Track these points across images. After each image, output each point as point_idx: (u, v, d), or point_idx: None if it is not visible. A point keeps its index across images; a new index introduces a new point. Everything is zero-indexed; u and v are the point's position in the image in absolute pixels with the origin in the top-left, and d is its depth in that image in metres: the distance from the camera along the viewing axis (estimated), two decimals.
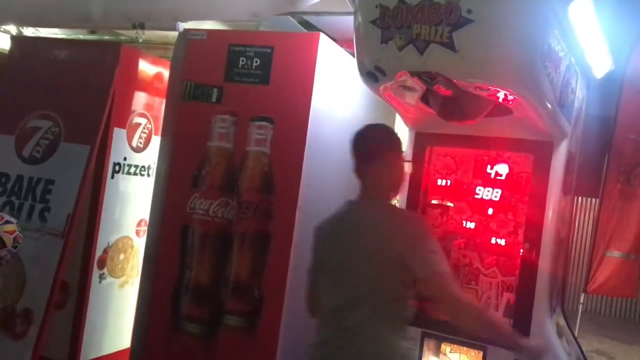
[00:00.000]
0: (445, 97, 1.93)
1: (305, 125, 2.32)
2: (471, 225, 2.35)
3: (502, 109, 2.03)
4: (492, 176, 2.34)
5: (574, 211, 2.41)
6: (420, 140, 2.38)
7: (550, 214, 2.11)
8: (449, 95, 1.89)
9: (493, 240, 2.30)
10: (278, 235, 2.33)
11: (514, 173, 2.29)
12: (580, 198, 2.00)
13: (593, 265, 3.96)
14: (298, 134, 2.32)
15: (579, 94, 2.22)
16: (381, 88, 1.98)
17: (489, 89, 1.82)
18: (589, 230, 7.00)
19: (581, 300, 6.61)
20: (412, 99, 2.07)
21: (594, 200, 4.00)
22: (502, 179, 2.32)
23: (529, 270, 2.13)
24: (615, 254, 4.62)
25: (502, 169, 2.32)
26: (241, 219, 2.39)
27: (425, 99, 2.08)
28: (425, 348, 2.32)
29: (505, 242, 2.28)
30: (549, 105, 1.91)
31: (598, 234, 3.71)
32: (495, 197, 2.32)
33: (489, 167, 2.35)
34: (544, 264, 2.09)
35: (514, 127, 2.13)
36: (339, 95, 2.52)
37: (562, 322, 2.20)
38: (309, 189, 2.33)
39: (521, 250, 2.21)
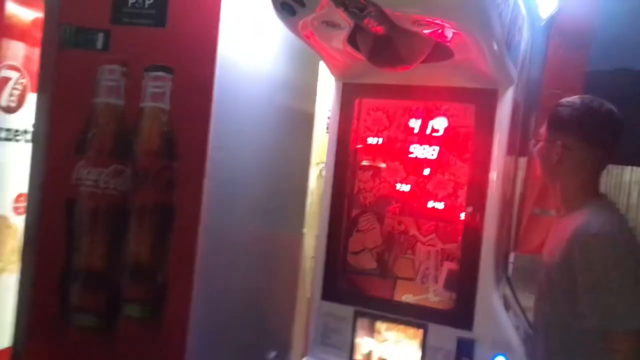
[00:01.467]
0: (377, 36, 1.61)
1: (212, 76, 1.93)
2: (406, 188, 2.08)
3: (440, 53, 1.74)
4: (428, 132, 2.06)
5: (517, 170, 2.18)
6: (348, 91, 2.06)
7: (496, 172, 1.85)
8: (381, 34, 1.57)
9: (430, 204, 2.04)
10: (183, 209, 1.95)
11: (453, 127, 2.02)
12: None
13: (521, 224, 3.89)
14: (203, 87, 1.94)
15: (525, 36, 1.95)
16: (300, 24, 1.63)
17: (428, 24, 1.51)
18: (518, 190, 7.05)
19: (511, 260, 6.64)
20: (337, 40, 1.74)
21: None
22: (438, 135, 2.05)
23: (472, 236, 1.88)
24: (541, 211, 4.57)
25: (440, 123, 2.04)
26: (138, 189, 2.00)
27: (353, 40, 1.75)
28: (358, 328, 2.04)
29: (444, 205, 2.02)
30: (496, 45, 1.62)
31: (526, 192, 3.64)
32: (432, 155, 2.05)
33: (424, 121, 2.06)
34: (490, 230, 1.85)
35: (454, 73, 1.85)
36: (252, 42, 2.14)
37: (508, 291, 1.99)
38: (219, 152, 1.96)
39: (463, 215, 1.95)
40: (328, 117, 3.46)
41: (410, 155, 2.07)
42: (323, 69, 2.61)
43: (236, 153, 2.08)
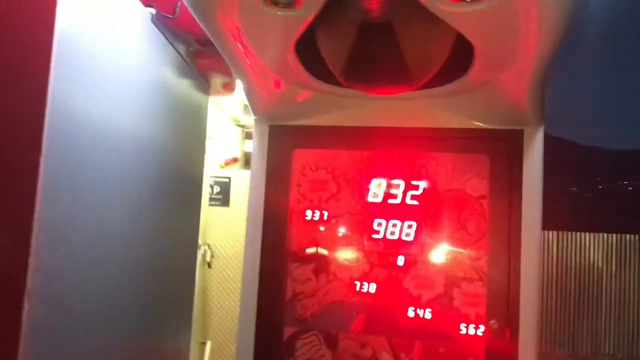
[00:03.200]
0: (362, 34, 0.88)
1: (38, 120, 1.05)
2: (370, 288, 1.32)
3: (450, 67, 1.05)
4: (399, 199, 1.35)
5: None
6: (280, 138, 1.29)
7: (528, 257, 1.17)
8: (375, 19, 0.84)
9: (411, 312, 1.30)
10: None
11: (440, 192, 1.32)
12: None
13: None
14: (25, 137, 1.04)
15: None
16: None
17: None
18: None
19: None
20: (282, 39, 0.97)
21: None
22: (416, 204, 1.34)
23: None
24: None
25: (417, 185, 1.34)
26: None
27: (305, 46, 1.00)
28: None
29: (433, 312, 1.29)
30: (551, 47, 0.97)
31: None
32: (408, 235, 1.33)
33: (393, 183, 1.35)
34: (528, 354, 1.14)
35: (455, 104, 1.17)
36: (106, 74, 1.29)
37: None
38: (51, 248, 1.06)
39: (464, 327, 1.24)
40: (211, 185, 2.64)
41: (373, 237, 1.33)
42: (213, 115, 1.86)
43: (80, 248, 1.19)
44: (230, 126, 2.58)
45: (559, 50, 1.00)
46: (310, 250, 1.36)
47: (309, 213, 1.36)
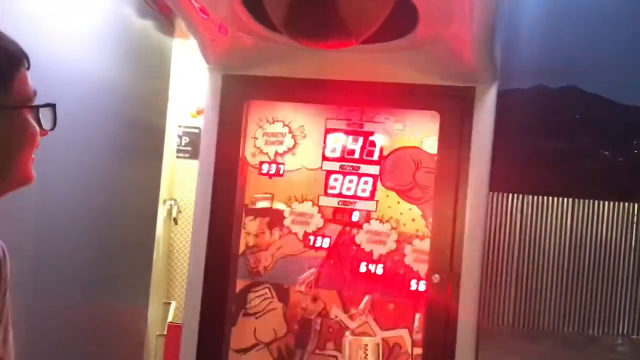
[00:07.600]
0: None
1: None
2: (324, 242, 1.39)
3: (395, 23, 1.08)
4: (357, 154, 1.40)
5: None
6: (233, 88, 1.34)
7: (473, 216, 1.23)
8: None
9: (363, 268, 1.37)
10: None
11: (397, 149, 1.38)
12: None
13: None
14: None
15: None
16: None
17: None
18: None
19: None
20: None
21: None
22: (372, 159, 1.40)
23: (442, 321, 1.24)
24: None
25: (374, 141, 1.39)
26: None
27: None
28: None
29: (384, 268, 1.36)
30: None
31: None
32: (364, 191, 1.39)
33: (349, 138, 1.40)
34: (468, 310, 1.22)
35: (409, 60, 1.21)
36: (64, 26, 1.31)
37: None
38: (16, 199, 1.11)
39: (415, 283, 1.32)
40: (179, 136, 2.67)
41: (329, 192, 1.39)
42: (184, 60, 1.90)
43: (45, 196, 1.24)
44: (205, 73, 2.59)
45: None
46: (265, 204, 1.42)
47: (264, 167, 1.41)
